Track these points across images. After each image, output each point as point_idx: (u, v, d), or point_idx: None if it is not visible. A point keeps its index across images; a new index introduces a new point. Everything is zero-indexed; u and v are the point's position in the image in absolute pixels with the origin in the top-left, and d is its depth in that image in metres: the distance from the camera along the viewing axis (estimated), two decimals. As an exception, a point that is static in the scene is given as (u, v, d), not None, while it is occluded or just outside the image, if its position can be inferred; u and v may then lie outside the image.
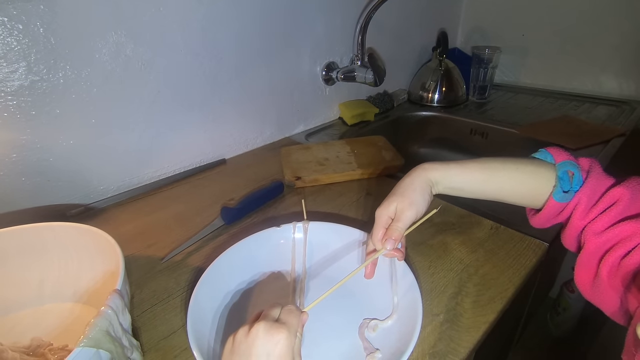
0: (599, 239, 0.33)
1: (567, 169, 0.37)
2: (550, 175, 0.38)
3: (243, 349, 0.29)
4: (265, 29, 0.78)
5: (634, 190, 0.34)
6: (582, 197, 0.36)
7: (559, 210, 0.37)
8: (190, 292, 0.41)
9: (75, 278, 0.45)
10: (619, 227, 0.32)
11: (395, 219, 0.39)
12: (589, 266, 0.35)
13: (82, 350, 0.29)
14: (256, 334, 0.29)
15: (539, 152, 0.41)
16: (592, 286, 0.35)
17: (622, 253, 0.32)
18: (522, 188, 0.39)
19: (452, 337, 0.40)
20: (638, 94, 1.02)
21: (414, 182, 0.40)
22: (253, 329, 0.29)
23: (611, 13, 1.00)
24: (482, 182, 0.40)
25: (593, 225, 0.34)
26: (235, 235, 0.58)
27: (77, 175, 0.64)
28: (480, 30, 1.28)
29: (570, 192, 0.36)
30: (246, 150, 0.86)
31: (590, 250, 0.34)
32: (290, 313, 0.32)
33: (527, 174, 0.39)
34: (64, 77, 0.57)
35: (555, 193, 0.37)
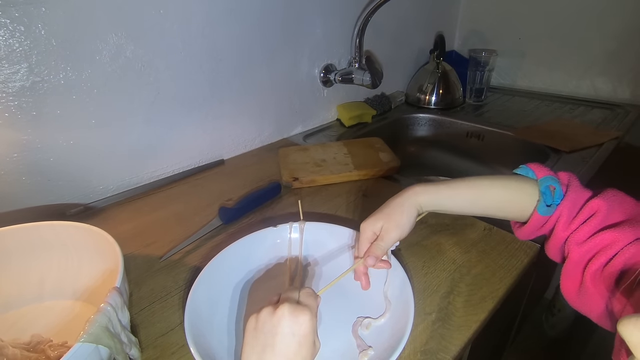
0: (581, 248, 0.35)
1: (549, 184, 0.39)
2: (533, 191, 0.40)
3: (268, 327, 0.30)
4: (264, 31, 0.79)
5: (610, 201, 0.36)
6: (564, 210, 0.38)
7: (542, 223, 0.39)
8: (188, 291, 0.42)
9: (75, 276, 0.46)
10: (599, 236, 0.34)
11: (380, 237, 0.41)
12: (574, 275, 0.36)
13: (82, 345, 0.30)
14: (282, 314, 0.30)
15: (520, 168, 0.43)
16: (578, 294, 0.37)
17: (605, 260, 0.34)
18: (508, 204, 0.42)
19: (443, 336, 0.41)
20: (632, 98, 1.03)
21: (404, 204, 0.41)
22: (279, 310, 0.31)
23: (606, 19, 1.01)
24: (472, 202, 0.42)
25: (575, 235, 0.36)
26: (232, 234, 0.58)
27: (77, 175, 0.65)
28: (477, 33, 1.29)
29: (553, 205, 0.38)
30: (244, 150, 0.87)
31: (575, 260, 0.36)
32: (309, 296, 0.34)
33: (512, 190, 0.41)
34: (64, 78, 0.58)
35: (539, 207, 0.39)
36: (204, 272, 0.44)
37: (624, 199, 0.36)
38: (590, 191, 0.38)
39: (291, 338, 0.30)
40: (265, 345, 0.30)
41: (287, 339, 0.30)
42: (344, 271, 0.41)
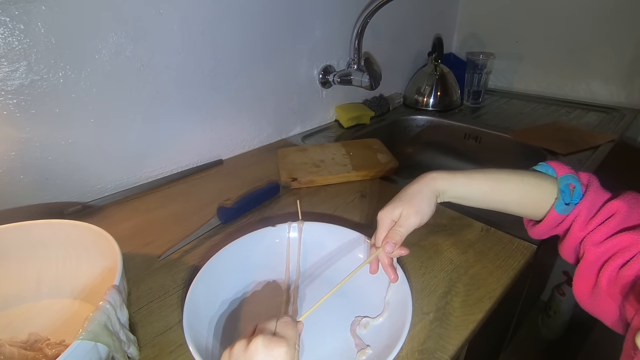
0: (598, 249, 0.35)
1: (569, 182, 0.38)
2: (552, 188, 0.39)
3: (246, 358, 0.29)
4: (263, 32, 0.80)
5: (630, 203, 0.35)
6: (582, 210, 0.37)
7: (559, 222, 0.39)
8: (186, 290, 0.42)
9: (73, 275, 0.46)
10: (617, 237, 0.34)
11: (399, 223, 0.40)
12: (588, 276, 0.36)
13: (80, 343, 0.30)
14: (255, 349, 0.29)
15: (540, 165, 0.43)
16: (591, 296, 0.36)
17: (621, 263, 0.33)
18: (525, 199, 0.41)
19: (440, 335, 0.41)
20: (628, 101, 1.04)
21: (422, 190, 0.41)
22: (252, 344, 0.29)
23: (603, 23, 1.02)
24: (488, 193, 0.41)
25: (592, 235, 0.36)
26: (231, 234, 0.59)
27: (75, 173, 0.64)
28: (475, 36, 1.30)
29: (571, 204, 0.38)
30: (243, 151, 0.87)
31: (590, 260, 0.35)
32: (286, 325, 0.32)
33: (530, 186, 0.40)
34: (64, 76, 0.58)
35: (557, 205, 0.38)
36: (202, 271, 0.44)
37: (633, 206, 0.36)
38: (610, 193, 0.38)
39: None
40: None
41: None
42: (342, 272, 0.41)
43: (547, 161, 0.42)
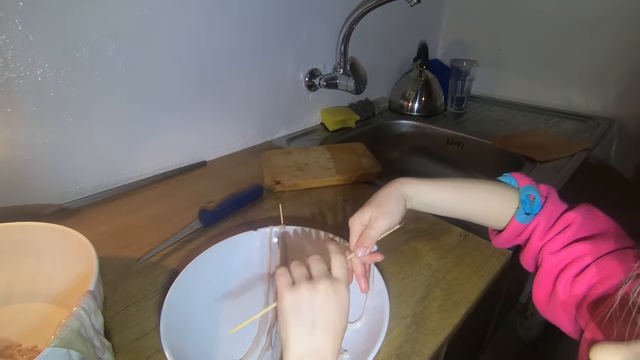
0: (555, 257, 0.37)
1: (529, 193, 0.40)
2: (514, 198, 0.41)
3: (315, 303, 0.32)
4: (250, 34, 0.79)
5: (584, 215, 0.38)
6: (541, 220, 0.39)
7: (520, 231, 0.41)
8: (165, 294, 0.42)
9: (47, 279, 0.45)
10: (572, 247, 0.36)
11: (369, 226, 0.40)
12: (546, 284, 0.38)
13: (52, 350, 0.29)
14: (326, 290, 0.32)
15: (504, 176, 0.44)
16: (548, 303, 0.38)
17: (576, 272, 0.35)
18: (489, 208, 0.42)
19: (417, 339, 0.42)
20: (603, 110, 1.08)
21: (391, 193, 0.42)
22: (321, 286, 0.32)
23: (582, 34, 1.06)
24: (454, 201, 0.43)
25: (550, 245, 0.38)
26: (213, 237, 0.58)
27: (52, 174, 0.63)
28: (459, 43, 1.32)
29: (531, 214, 0.40)
30: (227, 153, 0.87)
31: (548, 269, 0.37)
32: (341, 267, 0.35)
33: (494, 195, 0.42)
34: (42, 75, 0.56)
35: (518, 214, 0.40)
36: (181, 275, 0.44)
37: (596, 213, 0.38)
38: (567, 204, 0.40)
39: (338, 312, 0.32)
40: (315, 321, 0.31)
41: (335, 313, 0.32)
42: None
43: (511, 173, 0.44)
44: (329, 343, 0.31)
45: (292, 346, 0.31)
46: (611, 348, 0.22)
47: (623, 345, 0.22)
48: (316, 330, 0.31)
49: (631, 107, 1.03)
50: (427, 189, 0.42)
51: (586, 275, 0.34)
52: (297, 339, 0.31)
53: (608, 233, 0.36)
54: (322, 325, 0.31)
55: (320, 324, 0.31)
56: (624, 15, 0.98)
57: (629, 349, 0.21)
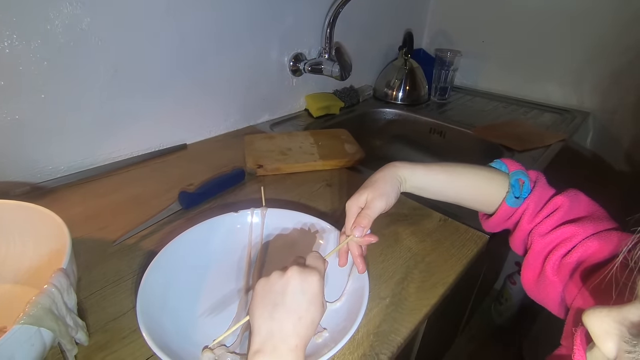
0: (544, 239, 0.38)
1: (519, 177, 0.42)
2: (504, 182, 0.42)
3: (279, 287, 0.32)
4: (234, 13, 0.77)
5: (572, 199, 0.39)
6: (530, 204, 0.40)
7: (509, 214, 0.42)
8: (141, 275, 0.41)
9: (17, 259, 0.43)
10: (560, 229, 0.37)
11: (365, 207, 0.41)
12: (535, 265, 0.39)
13: (21, 327, 0.28)
14: (292, 274, 0.32)
15: (494, 162, 0.45)
16: (537, 283, 0.39)
17: (564, 251, 0.37)
18: (479, 192, 0.43)
19: (395, 319, 0.43)
20: (578, 104, 1.11)
21: (386, 176, 0.42)
22: (288, 271, 0.33)
23: (560, 31, 1.08)
24: (445, 184, 0.44)
25: (539, 227, 0.39)
26: (192, 219, 0.57)
27: (23, 152, 0.60)
28: (444, 33, 1.33)
29: (520, 198, 0.41)
30: (209, 136, 0.85)
31: (537, 250, 0.39)
32: (317, 259, 0.36)
33: (484, 179, 0.43)
34: (9, 46, 0.53)
35: (507, 198, 0.41)
36: (159, 256, 0.43)
37: (583, 197, 0.40)
38: (554, 189, 0.42)
39: (301, 296, 0.32)
40: (276, 303, 0.31)
41: (298, 296, 0.31)
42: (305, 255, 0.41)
43: (501, 158, 0.45)
44: (289, 325, 0.30)
45: (255, 326, 0.31)
46: (603, 312, 0.22)
47: (615, 309, 0.22)
48: (277, 311, 0.31)
49: (605, 102, 1.07)
50: (421, 172, 0.43)
51: (573, 254, 0.36)
52: (260, 319, 0.31)
53: (593, 216, 0.38)
54: (283, 307, 0.31)
55: (282, 306, 0.31)
56: (601, 13, 1.00)
57: (620, 312, 0.22)
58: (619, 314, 0.22)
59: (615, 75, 1.03)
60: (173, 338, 0.37)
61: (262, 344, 0.30)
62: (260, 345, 0.30)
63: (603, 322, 0.22)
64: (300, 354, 0.30)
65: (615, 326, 0.21)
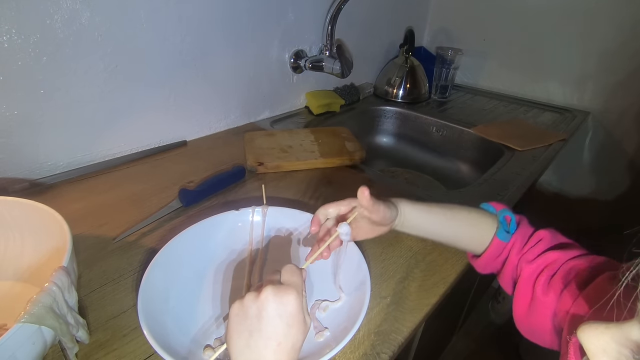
0: (531, 265, 0.40)
1: (506, 215, 0.44)
2: (493, 221, 0.44)
3: (254, 312, 0.30)
4: (234, 10, 0.77)
5: (551, 232, 0.42)
6: (518, 238, 0.42)
7: (500, 250, 0.43)
8: (142, 273, 0.41)
9: (17, 256, 0.43)
10: (546, 254, 0.40)
11: None
12: (526, 291, 0.40)
13: (22, 326, 0.28)
14: (266, 297, 0.30)
15: (482, 205, 0.47)
16: (529, 312, 0.40)
17: (551, 273, 0.38)
18: (473, 230, 0.44)
19: (396, 318, 0.43)
20: (579, 103, 1.11)
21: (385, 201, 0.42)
22: (262, 293, 0.30)
23: (561, 31, 1.08)
24: (443, 222, 0.44)
25: (526, 255, 0.41)
26: (192, 217, 0.57)
27: (21, 148, 0.60)
28: (445, 31, 1.32)
29: (509, 233, 0.43)
30: (209, 133, 0.85)
31: (526, 276, 0.40)
32: (292, 273, 0.33)
33: (476, 216, 0.44)
34: (8, 41, 0.53)
35: (498, 233, 0.43)
36: (160, 253, 0.43)
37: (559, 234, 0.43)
38: (534, 227, 0.44)
39: (278, 320, 0.29)
40: (252, 330, 0.29)
41: (275, 321, 0.29)
42: (305, 257, 0.41)
43: (489, 202, 0.47)
44: (269, 353, 0.28)
45: (233, 356, 0.29)
46: (600, 327, 0.21)
47: (614, 325, 0.21)
48: (253, 339, 0.29)
49: (605, 102, 1.07)
50: (420, 207, 0.43)
51: (560, 273, 0.37)
52: (237, 348, 0.29)
53: (574, 245, 0.41)
54: (260, 335, 0.29)
55: (259, 333, 0.29)
56: (603, 13, 1.00)
57: (620, 329, 0.20)
58: (619, 332, 0.21)
59: (617, 74, 1.03)
60: (174, 336, 0.37)
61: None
62: None
63: (599, 339, 0.21)
64: None
65: (614, 345, 0.20)
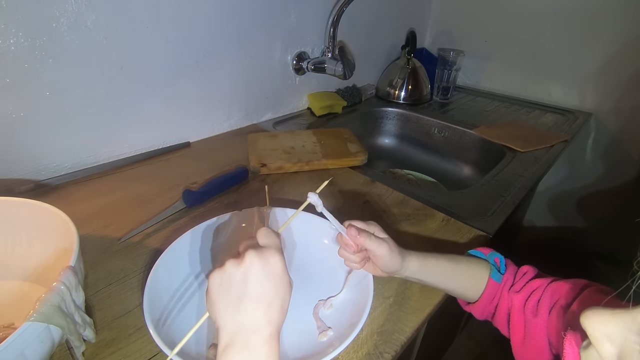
0: (520, 294, 0.42)
1: (495, 257, 0.46)
2: (485, 265, 0.45)
3: (239, 277, 0.29)
4: (237, 12, 0.77)
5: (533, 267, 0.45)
6: (509, 277, 0.44)
7: (494, 292, 0.44)
8: (147, 273, 0.41)
9: (24, 256, 0.43)
10: (530, 283, 0.42)
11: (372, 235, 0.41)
12: (519, 319, 0.41)
13: (31, 324, 0.29)
14: (251, 261, 0.29)
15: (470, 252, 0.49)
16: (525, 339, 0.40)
17: (537, 297, 0.41)
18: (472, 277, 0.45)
19: (399, 318, 0.43)
20: (580, 104, 1.11)
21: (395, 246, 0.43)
22: (246, 257, 0.29)
23: (562, 31, 1.08)
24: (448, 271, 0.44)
25: (515, 287, 0.43)
26: (196, 218, 0.57)
27: (27, 149, 0.60)
28: (447, 33, 1.33)
29: (501, 275, 0.45)
30: (212, 134, 0.85)
31: (517, 305, 0.42)
32: (269, 235, 0.32)
33: (473, 265, 0.45)
34: (15, 44, 0.53)
35: (493, 274, 0.44)
36: (165, 253, 0.43)
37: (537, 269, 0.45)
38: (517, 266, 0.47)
39: (266, 281, 0.29)
40: (241, 295, 0.29)
41: (262, 282, 0.29)
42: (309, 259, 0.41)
43: (476, 248, 0.48)
44: (260, 315, 0.28)
45: (221, 325, 0.29)
46: (605, 314, 0.20)
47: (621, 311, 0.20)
48: (243, 303, 0.28)
49: (608, 103, 1.07)
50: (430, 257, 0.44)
51: (546, 295, 0.40)
52: (225, 316, 0.29)
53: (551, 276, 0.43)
54: (249, 298, 0.29)
55: (248, 297, 0.29)
56: (605, 14, 1.00)
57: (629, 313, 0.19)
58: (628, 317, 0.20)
59: (620, 75, 1.03)
60: (179, 335, 0.38)
61: (231, 338, 0.28)
62: (230, 340, 0.28)
63: (605, 326, 0.20)
64: (274, 343, 0.29)
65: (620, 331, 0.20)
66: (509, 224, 0.62)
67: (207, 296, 0.30)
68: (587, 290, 0.37)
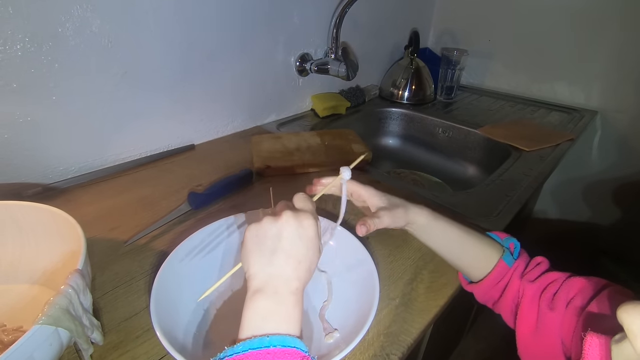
0: (534, 284, 0.41)
1: (510, 242, 0.45)
2: (498, 247, 0.45)
3: (274, 233, 0.31)
4: (241, 15, 0.78)
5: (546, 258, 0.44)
6: (520, 263, 0.43)
7: (502, 275, 0.43)
8: (154, 275, 0.41)
9: (32, 259, 0.44)
10: (546, 275, 0.41)
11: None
12: (531, 310, 0.40)
13: (40, 327, 0.29)
14: (287, 219, 0.32)
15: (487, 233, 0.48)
16: (536, 330, 0.39)
17: (554, 290, 0.40)
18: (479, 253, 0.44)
19: (405, 319, 0.43)
20: (586, 102, 1.10)
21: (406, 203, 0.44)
22: (283, 216, 0.32)
23: (567, 29, 1.07)
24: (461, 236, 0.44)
25: (528, 275, 0.42)
26: (201, 220, 0.58)
27: (34, 154, 0.61)
28: (450, 32, 1.32)
29: (513, 259, 0.44)
30: (216, 136, 0.86)
31: (530, 295, 0.40)
32: (306, 200, 0.35)
33: (486, 239, 0.45)
34: (22, 49, 0.54)
35: (505, 256, 0.43)
36: (171, 255, 0.44)
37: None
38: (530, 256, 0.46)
39: (298, 241, 0.31)
40: (275, 249, 0.31)
41: (295, 241, 0.31)
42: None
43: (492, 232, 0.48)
44: (290, 269, 0.30)
45: (253, 273, 0.31)
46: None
47: None
48: (275, 257, 0.31)
49: (613, 101, 1.06)
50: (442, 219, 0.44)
51: (563, 290, 0.39)
52: (258, 265, 0.31)
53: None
54: (282, 253, 0.31)
55: (280, 251, 0.31)
56: (610, 12, 1.00)
57: None
58: None
59: (626, 73, 1.02)
60: (186, 337, 0.38)
61: (262, 285, 0.30)
62: (261, 286, 0.30)
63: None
64: (299, 296, 0.31)
65: None
66: (514, 224, 0.62)
67: (243, 246, 0.33)
68: (607, 291, 0.36)
